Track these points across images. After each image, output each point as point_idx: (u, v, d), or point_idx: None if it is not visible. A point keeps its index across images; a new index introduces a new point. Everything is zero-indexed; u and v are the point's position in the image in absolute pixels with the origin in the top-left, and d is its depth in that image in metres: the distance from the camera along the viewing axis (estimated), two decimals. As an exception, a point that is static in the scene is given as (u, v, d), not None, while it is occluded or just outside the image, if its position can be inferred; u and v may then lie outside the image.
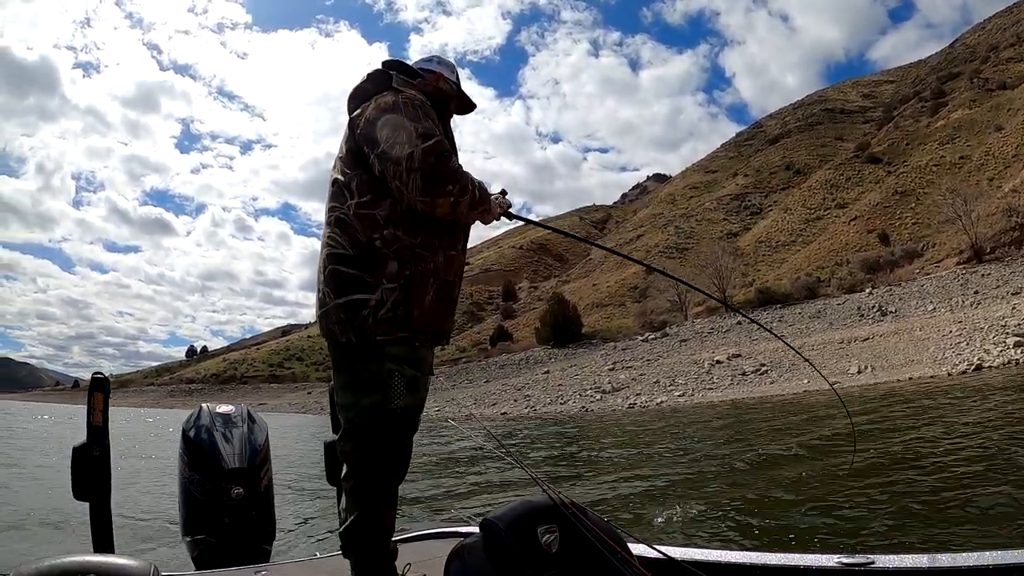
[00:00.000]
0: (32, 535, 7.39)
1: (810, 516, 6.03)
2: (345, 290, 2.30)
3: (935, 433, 10.06)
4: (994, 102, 71.39)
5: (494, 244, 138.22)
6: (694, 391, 27.55)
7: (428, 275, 2.36)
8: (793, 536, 5.47)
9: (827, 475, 8.02)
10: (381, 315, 2.27)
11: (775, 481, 8.02)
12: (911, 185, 63.90)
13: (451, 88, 2.75)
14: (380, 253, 2.29)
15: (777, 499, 7.02)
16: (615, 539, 2.20)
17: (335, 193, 2.41)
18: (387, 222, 2.30)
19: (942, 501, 5.85)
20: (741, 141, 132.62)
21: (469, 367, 58.33)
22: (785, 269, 60.69)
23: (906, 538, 4.97)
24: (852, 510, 6.01)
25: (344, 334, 2.30)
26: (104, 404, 3.16)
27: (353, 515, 2.35)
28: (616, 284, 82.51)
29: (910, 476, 7.11)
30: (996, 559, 1.78)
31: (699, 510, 6.61)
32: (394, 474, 2.43)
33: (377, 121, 2.33)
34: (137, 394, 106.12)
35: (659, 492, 8.24)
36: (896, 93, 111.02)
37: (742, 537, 5.68)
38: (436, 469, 12.46)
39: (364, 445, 2.34)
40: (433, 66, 2.74)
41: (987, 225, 38.47)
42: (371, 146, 2.31)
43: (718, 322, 43.31)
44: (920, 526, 5.26)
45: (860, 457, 8.27)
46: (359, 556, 2.39)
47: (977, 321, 24.74)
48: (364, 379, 2.31)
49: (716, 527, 6.06)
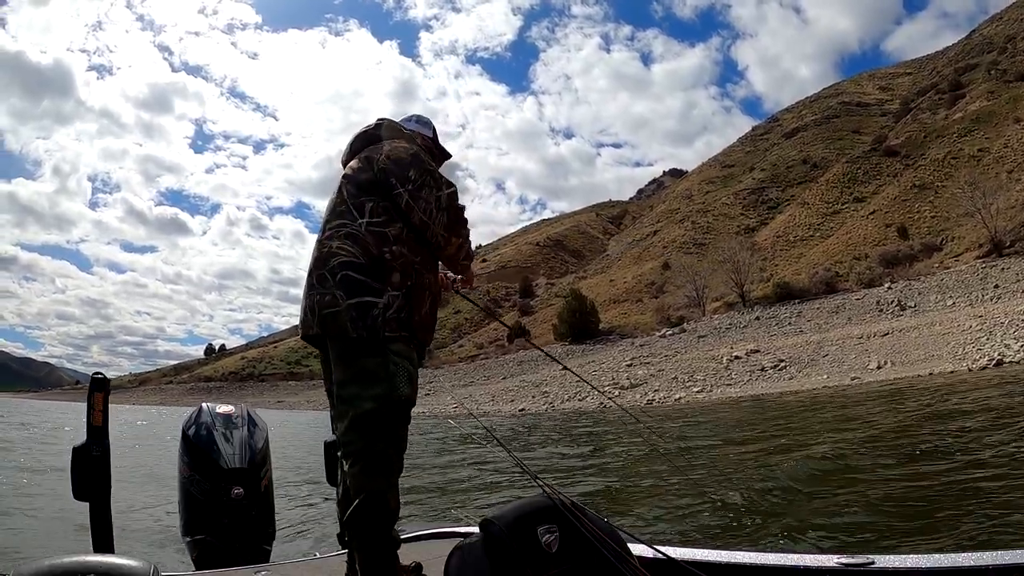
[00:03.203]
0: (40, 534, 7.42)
1: (837, 514, 6.00)
2: (356, 292, 2.49)
3: (959, 428, 9.97)
4: (1012, 93, 70.77)
5: (511, 241, 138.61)
6: (713, 387, 27.50)
7: (425, 288, 2.67)
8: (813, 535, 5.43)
9: (845, 473, 7.97)
10: (389, 315, 2.48)
11: (799, 478, 7.97)
12: (929, 178, 63.47)
13: (429, 146, 3.08)
14: (388, 264, 2.54)
15: (792, 496, 6.98)
16: (615, 539, 2.19)
17: (343, 212, 2.67)
18: (396, 240, 2.59)
19: (963, 499, 5.79)
20: (757, 135, 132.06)
21: (487, 363, 58.47)
22: (803, 264, 60.37)
23: (922, 539, 4.92)
24: (861, 510, 5.97)
25: (356, 330, 2.45)
26: (104, 404, 3.18)
27: (359, 499, 2.41)
28: (633, 280, 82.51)
29: (931, 473, 7.05)
30: (996, 559, 1.77)
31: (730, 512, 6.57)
32: (398, 459, 2.52)
33: (404, 162, 2.68)
34: (156, 392, 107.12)
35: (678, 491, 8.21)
36: (913, 85, 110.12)
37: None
38: (436, 469, 12.44)
39: (369, 433, 2.44)
40: (412, 125, 3.09)
41: (1006, 218, 38.21)
42: (402, 182, 2.64)
43: (736, 317, 43.18)
44: (932, 526, 5.21)
45: (880, 454, 8.22)
46: (365, 540, 2.42)
47: (997, 315, 24.55)
48: (371, 371, 2.46)
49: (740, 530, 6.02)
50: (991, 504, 5.41)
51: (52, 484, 10.26)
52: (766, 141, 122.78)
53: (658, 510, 6.84)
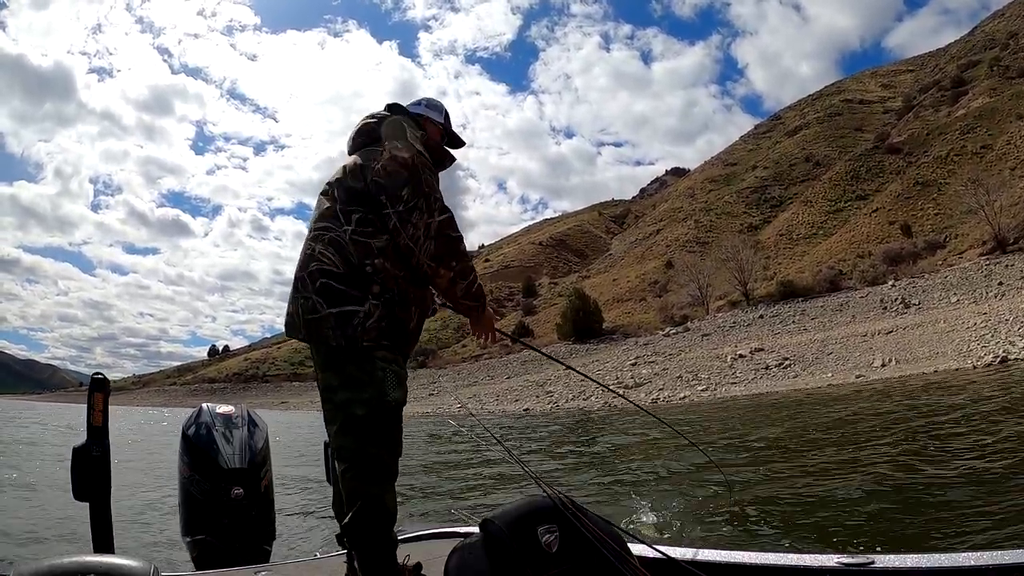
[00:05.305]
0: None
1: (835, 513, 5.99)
2: (337, 302, 2.48)
3: (966, 427, 9.96)
4: (1015, 90, 70.52)
5: (513, 241, 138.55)
6: (717, 386, 27.46)
7: (409, 302, 2.60)
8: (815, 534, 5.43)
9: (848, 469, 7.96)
10: (369, 324, 2.47)
11: (801, 477, 7.97)
12: (932, 176, 63.37)
13: (441, 132, 3.01)
14: (367, 276, 2.50)
15: (799, 496, 6.97)
16: (615, 539, 2.20)
17: (328, 215, 2.63)
18: (380, 253, 2.52)
19: (962, 498, 5.78)
20: (759, 133, 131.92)
21: (491, 363, 58.36)
22: (807, 262, 60.30)
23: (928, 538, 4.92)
24: (866, 507, 5.97)
25: (336, 339, 2.47)
26: (104, 404, 3.20)
27: (356, 505, 2.41)
28: (636, 279, 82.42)
29: (934, 472, 7.05)
30: (996, 559, 1.77)
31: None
32: (392, 462, 2.52)
33: (399, 179, 2.53)
34: (159, 393, 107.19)
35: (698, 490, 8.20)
36: (915, 82, 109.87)
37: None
38: (436, 469, 12.46)
39: (363, 437, 2.45)
40: (421, 109, 2.98)
41: (1010, 215, 38.13)
42: (393, 202, 2.51)
43: (740, 316, 43.16)
44: (936, 524, 5.20)
45: (880, 453, 8.21)
46: (365, 545, 2.43)
47: (1002, 313, 24.49)
48: (358, 377, 2.47)
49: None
50: (992, 504, 5.41)
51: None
52: (768, 139, 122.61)
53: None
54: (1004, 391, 13.45)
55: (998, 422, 9.93)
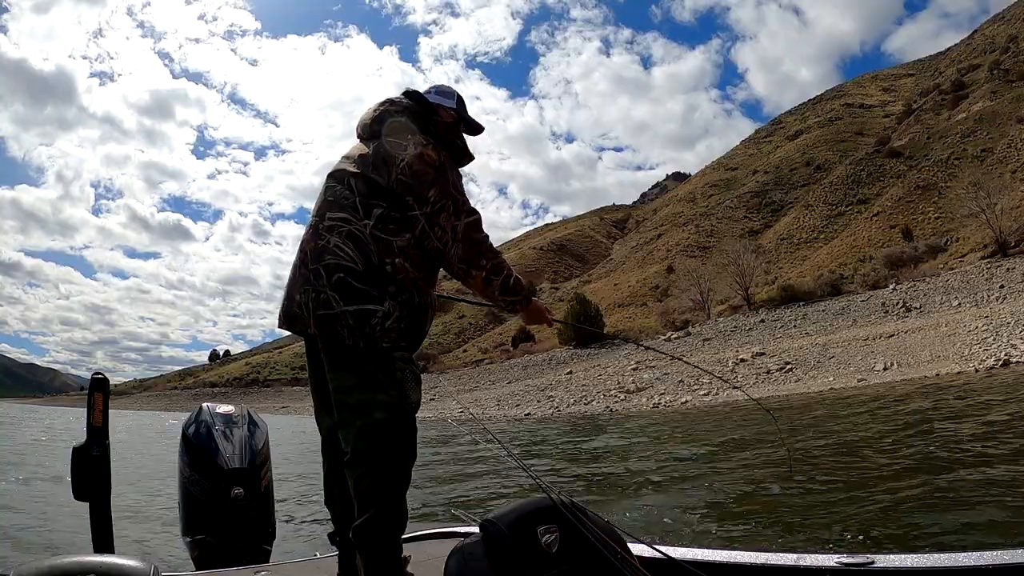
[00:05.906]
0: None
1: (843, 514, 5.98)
2: (355, 300, 2.39)
3: (968, 431, 9.96)
4: (1015, 93, 70.71)
5: (514, 246, 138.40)
6: (719, 390, 27.37)
7: (427, 305, 2.58)
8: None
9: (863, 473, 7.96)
10: (388, 325, 2.40)
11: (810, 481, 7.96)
12: (933, 179, 63.48)
13: (455, 116, 2.86)
14: (386, 276, 2.43)
15: (806, 498, 6.97)
16: (615, 539, 2.19)
17: (347, 205, 2.51)
18: (401, 252, 2.45)
19: (963, 501, 5.78)
20: (760, 137, 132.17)
21: (492, 368, 58.30)
22: (808, 266, 60.38)
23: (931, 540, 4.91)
24: (869, 508, 5.97)
25: (352, 338, 2.37)
26: (104, 404, 3.17)
27: (371, 510, 2.38)
28: (638, 283, 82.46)
29: (937, 477, 7.04)
30: (996, 559, 1.76)
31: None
32: (410, 467, 2.51)
33: (425, 179, 2.49)
34: (160, 397, 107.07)
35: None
36: (916, 86, 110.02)
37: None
38: (436, 469, 12.45)
39: (383, 442, 2.40)
40: (432, 97, 2.85)
41: (1011, 218, 38.18)
42: (420, 203, 2.48)
43: (741, 320, 43.10)
44: (941, 527, 5.20)
45: (887, 457, 8.21)
46: (376, 549, 2.40)
47: (1003, 316, 24.46)
48: (380, 379, 2.41)
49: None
50: (997, 507, 5.41)
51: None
52: (769, 143, 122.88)
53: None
54: (1006, 394, 13.44)
55: (1000, 424, 9.93)
